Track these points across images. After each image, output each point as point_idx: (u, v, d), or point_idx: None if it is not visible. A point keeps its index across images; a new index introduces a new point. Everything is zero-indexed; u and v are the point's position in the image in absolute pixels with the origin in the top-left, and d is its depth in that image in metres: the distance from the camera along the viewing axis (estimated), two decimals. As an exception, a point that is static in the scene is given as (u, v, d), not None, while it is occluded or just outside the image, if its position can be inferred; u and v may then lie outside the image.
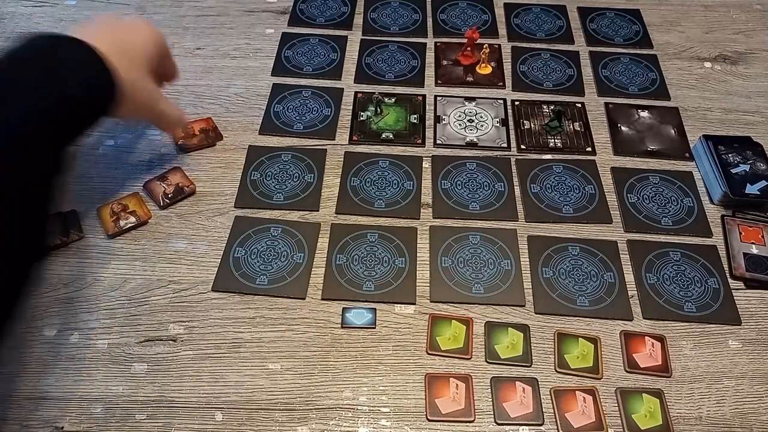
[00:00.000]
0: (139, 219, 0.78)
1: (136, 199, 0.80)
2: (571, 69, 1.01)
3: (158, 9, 1.09)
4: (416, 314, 0.73)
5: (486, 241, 0.79)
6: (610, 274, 0.76)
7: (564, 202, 0.83)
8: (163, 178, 0.83)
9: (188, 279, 0.75)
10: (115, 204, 0.80)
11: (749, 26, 1.10)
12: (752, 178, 0.82)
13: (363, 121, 0.92)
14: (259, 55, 1.01)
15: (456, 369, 0.68)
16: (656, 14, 1.11)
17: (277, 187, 0.84)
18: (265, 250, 0.77)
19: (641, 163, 0.89)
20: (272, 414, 0.65)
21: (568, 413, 0.65)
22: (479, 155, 0.89)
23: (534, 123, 0.93)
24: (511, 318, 0.73)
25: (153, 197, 0.82)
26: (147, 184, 0.83)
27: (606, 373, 0.69)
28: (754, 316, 0.74)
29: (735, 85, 1.00)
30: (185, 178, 0.83)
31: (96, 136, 0.89)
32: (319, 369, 0.68)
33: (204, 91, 0.96)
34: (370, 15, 1.08)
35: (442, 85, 0.98)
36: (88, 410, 0.65)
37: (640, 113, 0.94)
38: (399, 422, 0.65)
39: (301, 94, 0.96)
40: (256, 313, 0.72)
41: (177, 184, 0.82)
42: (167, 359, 0.68)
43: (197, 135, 0.88)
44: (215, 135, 0.89)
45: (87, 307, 0.72)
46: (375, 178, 0.85)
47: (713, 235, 0.81)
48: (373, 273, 0.76)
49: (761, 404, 0.67)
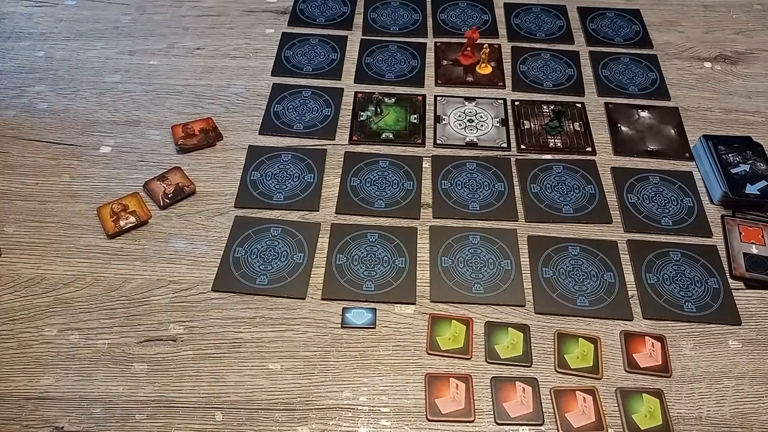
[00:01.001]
0: (139, 219, 0.78)
1: (136, 199, 0.80)
2: (571, 69, 1.01)
3: (158, 9, 1.09)
4: (416, 314, 0.73)
5: (486, 241, 0.79)
6: (610, 274, 0.76)
7: (564, 202, 0.83)
8: (163, 178, 0.83)
9: (188, 279, 0.75)
10: (115, 204, 0.79)
11: (749, 26, 1.10)
12: (752, 178, 0.82)
13: (363, 121, 0.92)
14: (259, 55, 1.01)
15: (456, 369, 0.68)
16: (656, 14, 1.11)
17: (277, 187, 0.84)
18: (265, 250, 0.77)
19: (641, 163, 0.89)
20: (272, 414, 0.65)
21: (568, 413, 0.65)
22: (479, 155, 0.89)
23: (534, 123, 0.93)
24: (511, 318, 0.73)
25: (153, 197, 0.82)
26: (147, 184, 0.83)
27: (606, 373, 0.69)
28: (754, 316, 0.74)
29: (735, 85, 1.00)
30: (185, 177, 0.83)
31: (97, 135, 0.89)
32: (319, 369, 0.68)
33: (204, 91, 0.96)
34: (370, 15, 1.08)
35: (442, 85, 0.98)
36: (88, 410, 0.65)
37: (640, 113, 0.94)
38: (399, 422, 0.65)
39: (301, 94, 0.96)
40: (256, 313, 0.72)
41: (177, 183, 0.82)
42: (167, 359, 0.68)
43: (197, 135, 0.88)
44: (215, 135, 0.89)
45: (87, 307, 0.72)
46: (375, 178, 0.85)
47: (713, 235, 0.81)
48: (373, 273, 0.75)
49: (761, 404, 0.67)
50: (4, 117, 0.91)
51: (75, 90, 0.95)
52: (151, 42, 1.03)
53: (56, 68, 0.98)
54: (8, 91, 0.95)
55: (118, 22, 1.06)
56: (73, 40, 1.03)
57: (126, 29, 1.05)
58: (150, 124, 0.91)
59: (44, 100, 0.94)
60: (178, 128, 0.88)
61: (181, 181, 0.83)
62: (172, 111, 0.93)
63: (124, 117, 0.92)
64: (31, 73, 0.97)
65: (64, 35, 1.04)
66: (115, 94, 0.95)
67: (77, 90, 0.95)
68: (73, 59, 1.00)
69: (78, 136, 0.89)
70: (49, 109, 0.92)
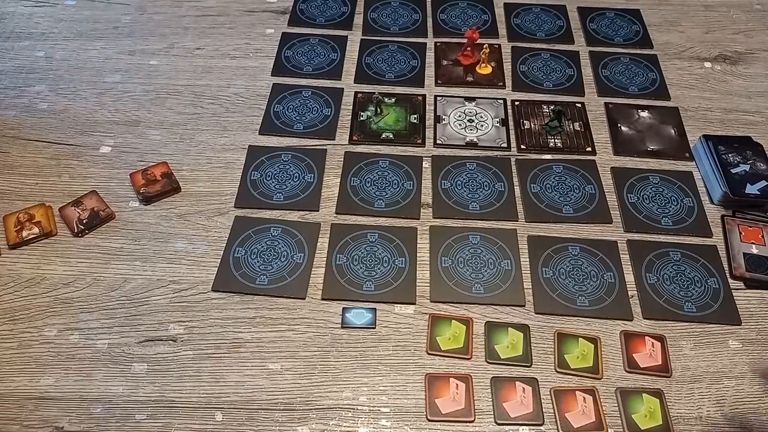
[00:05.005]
0: (42, 230, 0.76)
1: (44, 209, 0.78)
2: (571, 69, 1.01)
3: (158, 9, 1.09)
4: (416, 314, 0.73)
5: (486, 241, 0.79)
6: (610, 274, 0.76)
7: (564, 202, 0.83)
8: (78, 203, 0.79)
9: (188, 279, 0.75)
10: (21, 213, 0.77)
11: (749, 26, 1.10)
12: (752, 178, 0.82)
13: (363, 121, 0.92)
14: (259, 55, 1.01)
15: (456, 369, 0.68)
16: (656, 14, 1.11)
17: (277, 187, 0.84)
18: (265, 250, 0.77)
19: (641, 163, 0.89)
20: (272, 414, 0.65)
21: (568, 413, 0.65)
22: (479, 155, 0.89)
23: (534, 123, 0.93)
24: (511, 318, 0.73)
25: (67, 223, 0.78)
26: (61, 209, 0.79)
27: (606, 373, 0.69)
28: (754, 316, 0.74)
29: (735, 85, 1.00)
30: (101, 201, 0.79)
31: (97, 135, 0.89)
32: (319, 369, 0.68)
33: (204, 91, 0.96)
34: (370, 15, 1.08)
35: (442, 85, 0.98)
36: (88, 410, 0.65)
37: (640, 113, 0.94)
38: (399, 422, 0.65)
39: (301, 94, 0.96)
40: (256, 313, 0.72)
41: (92, 208, 0.78)
42: (167, 359, 0.68)
43: (159, 180, 0.82)
44: (175, 181, 0.83)
45: (87, 307, 0.72)
46: (375, 178, 0.85)
47: (713, 235, 0.81)
48: (373, 273, 0.75)
49: (761, 404, 0.67)
50: (4, 117, 0.91)
51: (75, 90, 0.95)
52: (151, 42, 1.03)
53: (56, 68, 0.98)
54: (8, 91, 0.95)
55: (118, 22, 1.06)
56: (73, 40, 1.03)
57: (126, 29, 1.05)
58: (150, 124, 0.91)
59: (44, 100, 0.94)
60: (137, 175, 0.82)
61: (96, 205, 0.78)
62: (172, 111, 0.93)
63: (124, 117, 0.92)
64: (31, 73, 0.97)
65: (64, 35, 1.04)
66: (115, 94, 0.95)
67: (77, 90, 0.95)
68: (73, 59, 1.00)
69: (78, 136, 0.89)
70: (49, 109, 0.92)
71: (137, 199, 0.81)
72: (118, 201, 0.81)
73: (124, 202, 0.82)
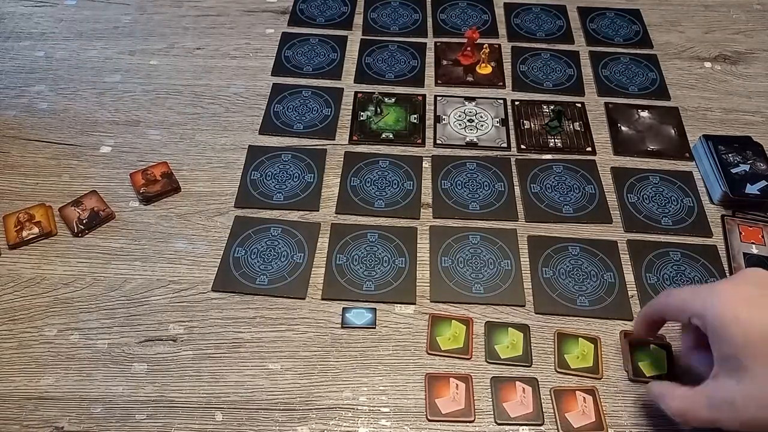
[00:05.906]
0: (42, 230, 0.76)
1: (44, 209, 0.78)
2: (571, 69, 1.01)
3: (158, 9, 1.09)
4: (416, 314, 0.73)
5: (486, 241, 0.79)
6: (610, 274, 0.76)
7: (564, 202, 0.83)
8: (78, 203, 0.79)
9: (188, 279, 0.75)
10: (21, 213, 0.77)
11: (749, 26, 1.10)
12: (752, 177, 0.82)
13: (363, 121, 0.92)
14: (259, 55, 1.01)
15: (456, 369, 0.68)
16: (656, 14, 1.11)
17: (277, 187, 0.84)
18: (265, 250, 0.77)
19: (641, 163, 0.89)
20: (272, 414, 0.65)
21: (568, 413, 0.65)
22: (479, 155, 0.89)
23: (534, 123, 0.93)
24: (511, 318, 0.73)
25: (67, 223, 0.78)
26: (61, 209, 0.79)
27: (606, 373, 0.69)
28: (754, 316, 0.74)
29: (735, 85, 1.00)
30: (101, 201, 0.79)
31: (96, 135, 0.89)
32: (319, 369, 0.68)
33: (204, 91, 0.96)
34: (370, 15, 1.08)
35: (442, 85, 0.98)
36: (88, 410, 0.65)
37: (640, 113, 0.94)
38: (399, 422, 0.65)
39: (301, 94, 0.96)
40: (256, 313, 0.72)
41: (92, 208, 0.78)
42: (167, 359, 0.68)
43: (159, 180, 0.81)
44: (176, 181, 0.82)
45: (87, 307, 0.72)
46: (375, 178, 0.85)
47: (713, 235, 0.81)
48: (373, 273, 0.75)
49: (761, 404, 0.67)
50: (4, 117, 0.91)
51: (75, 90, 0.95)
52: (151, 42, 1.03)
53: (56, 68, 0.98)
54: (8, 91, 0.95)
55: (118, 22, 1.06)
56: (73, 40, 1.03)
57: (126, 29, 1.05)
58: (150, 124, 0.91)
59: (44, 100, 0.94)
60: (137, 175, 0.82)
61: (96, 205, 0.78)
62: (172, 111, 0.93)
63: (124, 117, 0.92)
64: (31, 73, 0.97)
65: (64, 35, 1.04)
66: (115, 94, 0.95)
67: (77, 90, 0.95)
68: (73, 59, 1.00)
69: (78, 136, 0.89)
70: (49, 109, 0.92)
71: (137, 199, 0.81)
72: (118, 201, 0.82)
73: (124, 202, 0.82)
